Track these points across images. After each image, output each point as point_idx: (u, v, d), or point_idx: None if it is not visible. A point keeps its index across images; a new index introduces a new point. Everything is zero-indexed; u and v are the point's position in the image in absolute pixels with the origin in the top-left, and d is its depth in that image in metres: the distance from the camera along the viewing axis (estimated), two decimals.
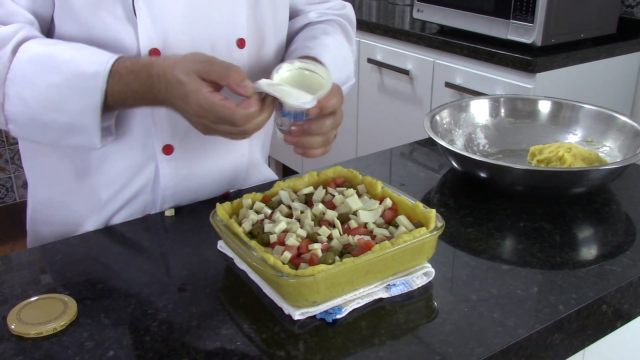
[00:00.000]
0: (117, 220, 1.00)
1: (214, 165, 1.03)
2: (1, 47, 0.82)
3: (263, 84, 0.78)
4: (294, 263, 0.74)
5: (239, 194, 1.04)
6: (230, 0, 0.94)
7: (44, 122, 0.84)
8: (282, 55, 1.07)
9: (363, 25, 2.43)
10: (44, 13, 0.88)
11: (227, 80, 0.77)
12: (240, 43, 0.96)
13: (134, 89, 0.82)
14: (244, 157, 1.07)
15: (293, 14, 1.10)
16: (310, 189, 0.89)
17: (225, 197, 1.04)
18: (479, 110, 1.22)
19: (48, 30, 0.91)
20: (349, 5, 1.17)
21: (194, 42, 0.92)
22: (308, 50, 0.99)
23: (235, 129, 0.79)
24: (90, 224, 0.99)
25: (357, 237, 0.77)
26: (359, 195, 0.87)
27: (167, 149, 0.96)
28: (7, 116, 0.84)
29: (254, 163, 1.11)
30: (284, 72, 0.85)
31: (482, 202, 1.01)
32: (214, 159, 1.02)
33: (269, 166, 1.18)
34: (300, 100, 0.80)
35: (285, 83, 0.83)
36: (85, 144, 0.87)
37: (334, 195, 0.86)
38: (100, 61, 0.82)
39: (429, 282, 0.79)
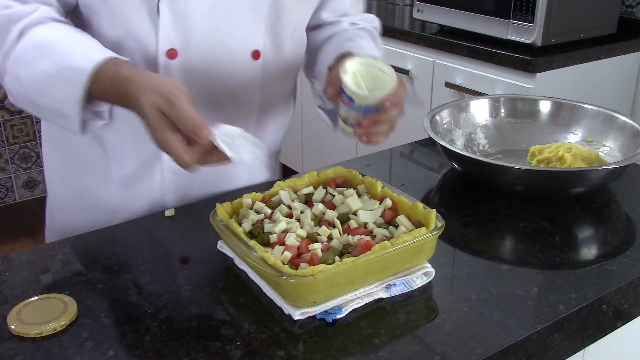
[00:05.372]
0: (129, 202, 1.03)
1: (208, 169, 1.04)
2: (14, 24, 0.86)
3: (219, 134, 0.78)
4: (294, 263, 0.74)
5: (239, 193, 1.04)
6: (252, 11, 0.96)
7: (34, 101, 0.88)
8: (299, 67, 1.10)
9: None
10: None
11: (182, 127, 0.77)
12: (255, 54, 0.98)
13: (111, 97, 0.84)
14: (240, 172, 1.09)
15: (323, 25, 1.13)
16: (310, 189, 0.89)
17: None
18: (479, 110, 1.22)
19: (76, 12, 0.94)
20: (377, 20, 1.20)
21: (212, 48, 0.95)
22: (348, 48, 1.01)
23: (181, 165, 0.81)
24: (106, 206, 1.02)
25: (357, 237, 0.77)
26: (359, 195, 0.87)
27: None
28: (6, 89, 0.89)
29: (255, 170, 1.12)
30: (350, 68, 0.87)
31: (482, 202, 1.01)
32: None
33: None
34: (377, 93, 0.84)
35: (352, 79, 0.86)
36: (69, 128, 0.89)
37: (334, 195, 0.86)
38: (91, 59, 0.83)
39: (429, 282, 0.79)
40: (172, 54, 0.93)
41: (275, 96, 1.08)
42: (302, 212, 0.83)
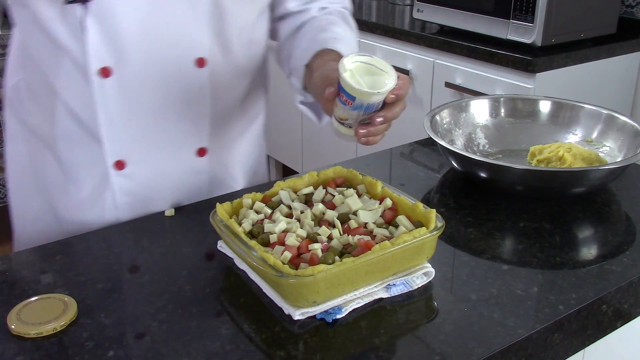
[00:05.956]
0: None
1: (167, 181, 1.02)
2: None
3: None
4: (294, 263, 0.74)
5: (239, 193, 1.05)
6: (191, 18, 0.92)
7: None
8: (255, 67, 1.06)
9: (363, 25, 2.43)
10: None
11: None
12: (200, 62, 0.95)
13: None
14: (204, 175, 1.05)
15: (290, 15, 1.09)
16: (310, 189, 0.89)
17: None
18: (479, 110, 1.22)
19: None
20: None
21: (151, 61, 0.92)
22: (324, 43, 0.98)
23: None
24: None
25: (357, 237, 0.77)
26: (359, 195, 0.87)
27: (120, 164, 0.96)
28: None
29: (220, 179, 1.09)
30: (348, 66, 0.83)
31: (482, 202, 1.01)
32: (167, 174, 1.01)
33: (268, 166, 1.17)
34: (381, 89, 0.80)
35: (351, 77, 0.82)
36: None
37: (334, 195, 0.86)
38: None
39: (429, 282, 0.79)
40: (105, 72, 0.89)
41: (232, 101, 1.05)
42: (302, 212, 0.83)
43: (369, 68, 0.83)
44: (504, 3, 1.96)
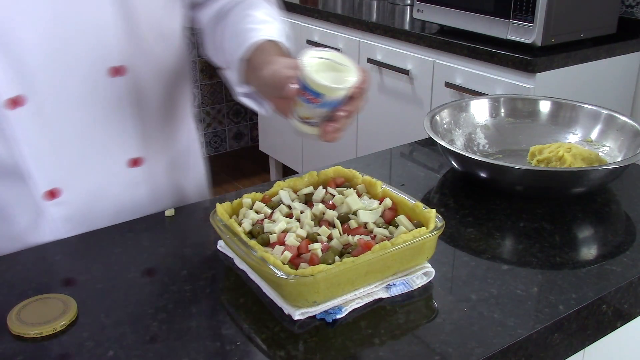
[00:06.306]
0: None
1: (106, 198, 0.97)
2: None
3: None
4: (294, 263, 0.74)
5: (239, 193, 1.04)
6: (97, 27, 0.87)
7: None
8: (181, 64, 1.02)
9: (363, 25, 2.43)
10: None
11: None
12: (114, 71, 0.90)
13: None
14: (144, 185, 1.01)
15: (206, 1, 1.04)
16: (310, 189, 0.89)
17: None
18: (479, 110, 1.22)
19: None
20: None
21: (64, 79, 0.87)
22: (253, 33, 0.92)
23: None
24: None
25: (357, 237, 0.77)
26: (359, 195, 0.87)
27: (52, 194, 0.92)
28: None
29: (159, 196, 1.04)
30: (309, 63, 0.80)
31: (482, 202, 1.01)
32: (105, 192, 0.97)
33: (268, 166, 1.17)
34: (346, 84, 0.78)
35: (317, 74, 0.80)
36: None
37: (334, 195, 0.86)
38: None
39: (429, 282, 0.79)
40: (15, 102, 0.84)
41: (158, 102, 1.00)
42: (302, 212, 0.83)
43: (328, 64, 0.80)
44: (504, 3, 1.96)
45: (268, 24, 0.95)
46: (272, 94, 0.86)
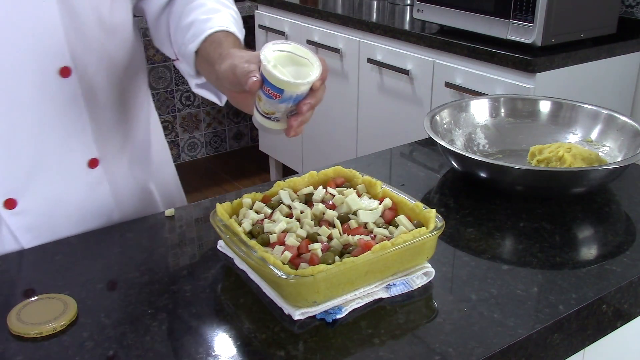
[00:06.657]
0: None
1: (67, 203, 0.95)
2: None
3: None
4: (294, 263, 0.74)
5: (239, 193, 1.05)
6: (42, 28, 0.85)
7: None
8: (133, 57, 1.00)
9: (363, 25, 2.43)
10: None
11: None
12: (65, 71, 0.88)
13: None
14: (104, 185, 0.98)
15: None
16: (310, 189, 0.89)
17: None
18: (479, 110, 1.22)
19: None
20: None
21: (14, 84, 0.85)
22: (205, 23, 0.90)
23: None
24: None
25: (357, 237, 0.77)
26: (359, 195, 0.87)
27: (9, 203, 0.90)
28: None
29: (123, 197, 1.02)
30: (270, 57, 0.78)
31: (482, 202, 1.01)
32: (65, 197, 0.95)
33: (268, 166, 1.16)
34: (308, 77, 0.77)
35: (277, 68, 0.78)
36: None
37: (334, 195, 0.86)
38: None
39: (429, 282, 0.79)
40: None
41: (112, 98, 0.97)
42: (302, 212, 0.83)
43: (289, 56, 0.79)
44: (504, 3, 1.96)
45: (219, 13, 0.93)
46: (231, 89, 0.84)
